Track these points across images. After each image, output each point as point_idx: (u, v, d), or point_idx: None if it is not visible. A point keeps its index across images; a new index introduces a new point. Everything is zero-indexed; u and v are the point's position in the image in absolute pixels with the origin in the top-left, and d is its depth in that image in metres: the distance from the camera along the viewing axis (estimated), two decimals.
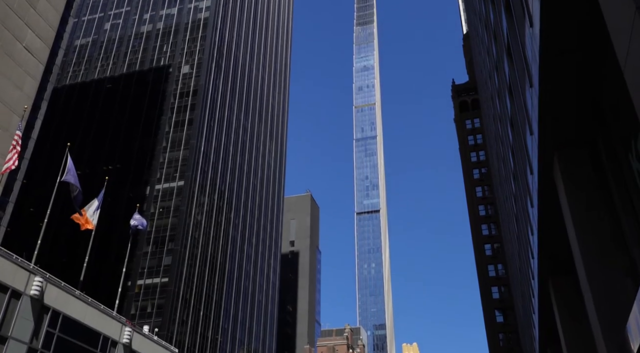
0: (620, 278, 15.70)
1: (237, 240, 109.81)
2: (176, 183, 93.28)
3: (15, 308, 35.54)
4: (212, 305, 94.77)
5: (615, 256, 16.15)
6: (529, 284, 30.30)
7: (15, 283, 35.95)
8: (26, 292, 36.49)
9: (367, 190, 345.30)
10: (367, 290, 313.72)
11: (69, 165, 42.98)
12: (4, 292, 34.99)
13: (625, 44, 8.86)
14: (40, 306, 37.68)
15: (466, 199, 71.81)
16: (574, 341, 23.40)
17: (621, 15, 8.68)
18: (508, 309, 61.23)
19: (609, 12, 9.55)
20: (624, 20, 8.57)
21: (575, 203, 17.51)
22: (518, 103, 20.64)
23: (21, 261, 37.82)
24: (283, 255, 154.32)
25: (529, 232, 24.61)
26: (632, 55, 8.75)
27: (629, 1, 8.10)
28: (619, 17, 8.90)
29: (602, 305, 15.58)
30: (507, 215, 39.82)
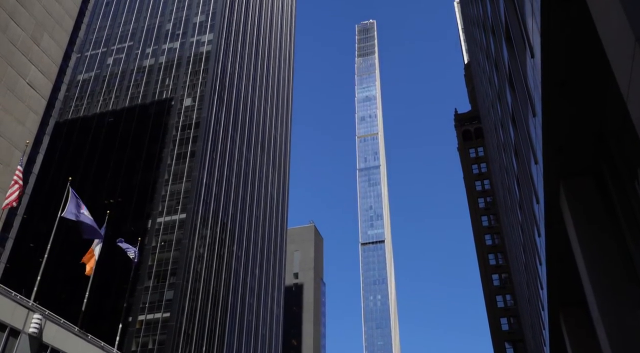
0: (633, 310, 15.46)
1: (240, 273, 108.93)
2: (178, 215, 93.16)
3: (14, 347, 35.08)
4: (215, 340, 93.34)
5: (626, 287, 15.93)
6: (539, 315, 29.82)
7: (13, 321, 35.58)
8: (25, 330, 36.08)
9: (372, 220, 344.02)
10: (373, 323, 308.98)
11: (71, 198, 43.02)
12: (2, 330, 34.60)
13: (626, 74, 8.95)
14: (38, 344, 37.20)
15: (472, 229, 71.40)
16: None
17: (621, 47, 8.80)
18: (518, 341, 60.15)
19: (609, 43, 9.69)
20: (624, 51, 8.69)
21: (583, 233, 17.39)
22: (522, 132, 20.74)
23: (20, 298, 37.52)
24: (287, 288, 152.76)
25: (537, 262, 24.36)
26: (634, 86, 8.83)
27: (629, 32, 8.22)
28: (619, 48, 9.02)
29: (615, 338, 15.30)
30: (515, 245, 39.49)
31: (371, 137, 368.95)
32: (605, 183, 17.63)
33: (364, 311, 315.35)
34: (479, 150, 78.52)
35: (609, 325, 15.55)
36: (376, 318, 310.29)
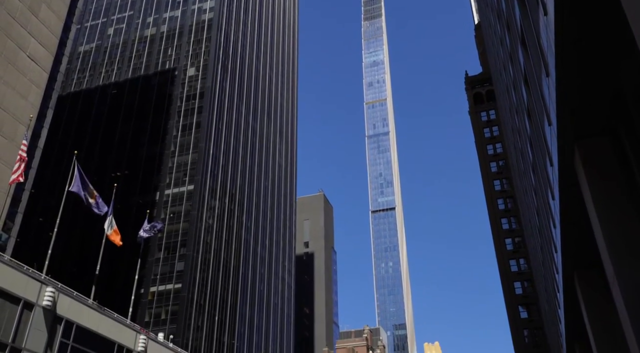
0: None
1: (250, 243, 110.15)
2: (186, 187, 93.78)
3: (28, 320, 35.97)
4: (227, 310, 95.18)
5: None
6: (553, 279, 30.01)
7: (27, 295, 36.38)
8: (38, 303, 36.91)
9: (382, 187, 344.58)
10: (385, 290, 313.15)
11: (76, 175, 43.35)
12: (16, 303, 35.43)
13: None
14: (53, 317, 38.10)
15: (484, 193, 71.32)
16: (602, 335, 23.14)
17: None
18: (532, 304, 60.76)
19: None
20: None
21: (599, 194, 17.29)
22: (535, 93, 20.43)
23: (32, 272, 38.27)
24: (297, 257, 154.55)
25: (551, 225, 24.36)
26: None
27: None
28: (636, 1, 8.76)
29: (631, 298, 15.38)
30: (528, 209, 39.47)
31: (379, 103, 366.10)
32: (621, 143, 17.43)
33: (375, 278, 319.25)
34: (490, 113, 77.72)
35: (624, 286, 15.62)
36: (388, 285, 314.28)
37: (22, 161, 37.34)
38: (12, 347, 34.62)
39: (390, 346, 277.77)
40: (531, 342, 60.09)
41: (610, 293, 17.72)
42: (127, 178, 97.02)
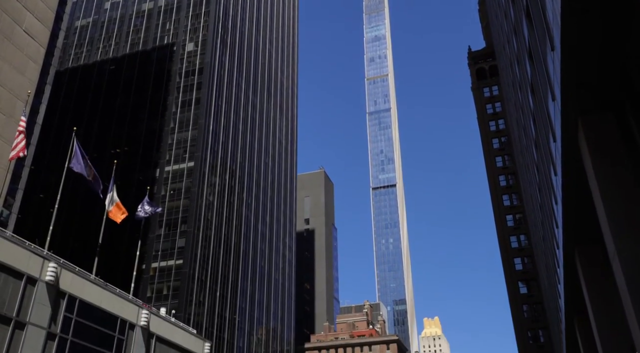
0: None
1: (251, 220, 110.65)
2: (186, 164, 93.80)
3: (32, 294, 36.37)
4: (229, 285, 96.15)
5: None
6: (553, 254, 30.20)
7: (30, 270, 36.70)
8: (41, 278, 37.27)
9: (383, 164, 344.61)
10: (385, 266, 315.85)
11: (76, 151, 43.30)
12: (20, 278, 35.77)
13: None
14: (56, 291, 38.50)
15: (486, 170, 71.32)
16: (601, 309, 23.39)
17: None
18: (532, 280, 61.34)
19: None
20: None
21: (602, 170, 17.26)
22: (539, 68, 20.25)
23: (34, 247, 38.54)
24: (298, 234, 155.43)
25: (552, 201, 24.41)
26: None
27: None
28: None
29: (631, 274, 15.49)
30: (530, 185, 39.51)
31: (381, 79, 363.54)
32: (626, 118, 17.34)
33: (376, 255, 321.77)
34: (493, 89, 77.18)
35: (624, 262, 15.72)
36: (388, 262, 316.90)
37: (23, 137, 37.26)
38: (17, 321, 35.07)
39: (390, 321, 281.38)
40: (530, 316, 60.83)
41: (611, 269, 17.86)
42: (127, 154, 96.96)
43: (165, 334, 51.88)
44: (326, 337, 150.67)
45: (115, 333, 44.60)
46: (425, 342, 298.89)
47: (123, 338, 45.38)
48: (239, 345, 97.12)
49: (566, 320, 31.63)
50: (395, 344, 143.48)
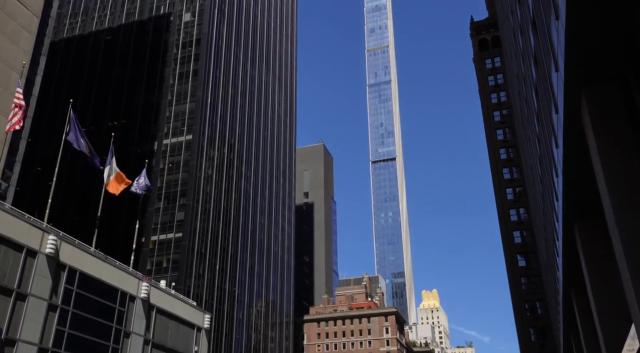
0: None
1: (250, 193, 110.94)
2: (184, 137, 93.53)
3: (32, 267, 36.68)
4: (228, 258, 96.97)
5: None
6: (553, 227, 30.38)
7: (29, 242, 36.93)
8: (41, 251, 37.54)
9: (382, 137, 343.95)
10: (384, 239, 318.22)
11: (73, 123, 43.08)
12: (20, 250, 36.02)
13: None
14: (56, 264, 38.83)
15: (486, 143, 71.21)
16: (599, 282, 23.65)
17: None
18: (530, 253, 61.91)
19: None
20: None
21: (604, 142, 17.22)
22: (542, 38, 20.02)
23: (33, 220, 38.71)
24: (297, 207, 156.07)
25: (553, 174, 24.43)
26: None
27: None
28: None
29: (631, 248, 15.60)
30: (530, 158, 39.50)
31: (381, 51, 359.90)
32: (630, 90, 17.22)
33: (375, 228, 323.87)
34: (495, 61, 76.47)
35: (624, 235, 15.81)
36: (387, 235, 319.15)
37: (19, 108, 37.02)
38: (18, 293, 35.46)
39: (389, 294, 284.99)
40: (528, 289, 61.62)
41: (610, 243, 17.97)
42: (125, 127, 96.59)
43: (166, 306, 52.56)
44: (325, 309, 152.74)
45: (116, 305, 45.18)
46: (423, 314, 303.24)
47: (124, 310, 45.99)
48: (239, 317, 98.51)
49: (564, 292, 32.01)
50: (393, 316, 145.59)
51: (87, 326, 41.48)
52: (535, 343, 59.45)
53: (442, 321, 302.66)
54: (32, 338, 36.07)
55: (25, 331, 35.48)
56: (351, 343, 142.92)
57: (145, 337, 48.28)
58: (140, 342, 47.50)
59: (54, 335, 37.79)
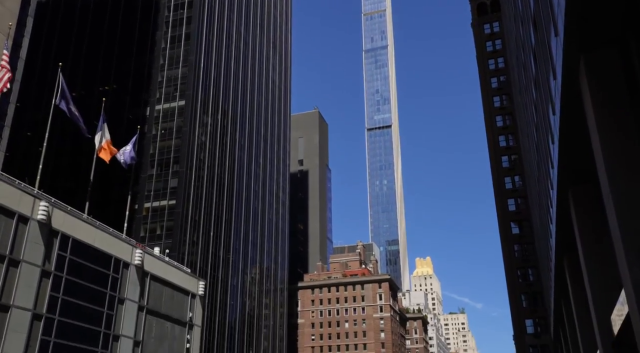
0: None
1: (244, 160, 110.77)
2: (177, 102, 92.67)
3: (24, 233, 36.76)
4: (222, 225, 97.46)
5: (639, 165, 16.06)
6: (547, 195, 30.59)
7: (21, 209, 36.89)
8: (33, 217, 37.55)
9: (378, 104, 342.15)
10: (379, 207, 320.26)
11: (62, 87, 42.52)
12: (11, 216, 36.02)
13: None
14: (48, 230, 38.91)
15: (483, 110, 70.98)
16: (591, 250, 23.97)
17: None
18: (524, 221, 62.57)
19: None
20: None
21: (601, 109, 17.17)
22: (542, 1, 19.71)
23: (24, 186, 38.57)
24: (292, 174, 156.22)
25: (549, 141, 24.43)
26: None
27: None
28: None
29: (624, 214, 15.73)
30: (527, 125, 39.46)
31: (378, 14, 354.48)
32: (629, 56, 17.07)
33: (369, 196, 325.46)
34: (494, 26, 75.52)
35: (617, 200, 15.93)
36: (382, 203, 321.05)
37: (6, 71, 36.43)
38: (10, 259, 35.61)
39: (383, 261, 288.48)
40: (521, 256, 62.52)
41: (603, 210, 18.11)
42: (116, 92, 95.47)
43: (160, 273, 53.06)
44: (319, 276, 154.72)
45: (110, 272, 45.54)
46: (416, 281, 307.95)
47: (117, 276, 46.39)
48: (233, 283, 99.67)
49: (556, 259, 32.46)
50: (387, 283, 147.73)
51: (81, 292, 41.92)
52: (527, 309, 60.68)
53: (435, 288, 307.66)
54: (25, 304, 36.44)
55: (18, 297, 35.81)
56: (345, 309, 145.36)
57: (140, 304, 48.89)
58: (134, 308, 48.13)
59: (47, 301, 38.19)
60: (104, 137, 46.88)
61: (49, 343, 38.00)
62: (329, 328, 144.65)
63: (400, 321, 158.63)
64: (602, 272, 23.30)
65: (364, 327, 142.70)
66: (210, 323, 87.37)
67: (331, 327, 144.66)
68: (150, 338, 50.01)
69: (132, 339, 47.10)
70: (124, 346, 45.88)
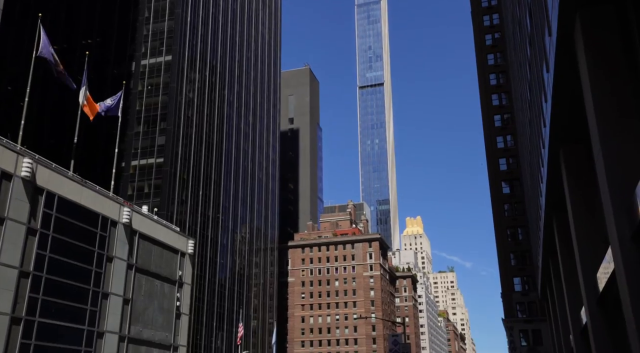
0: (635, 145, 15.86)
1: (233, 119, 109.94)
2: (163, 58, 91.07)
3: (8, 190, 36.57)
4: (211, 184, 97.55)
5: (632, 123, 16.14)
6: (538, 154, 30.81)
7: (3, 165, 36.58)
8: (17, 174, 37.29)
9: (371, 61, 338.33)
10: (370, 167, 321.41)
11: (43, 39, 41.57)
12: None
13: None
14: (33, 187, 38.73)
15: (476, 68, 70.49)
16: (580, 208, 24.37)
17: None
18: (514, 180, 63.21)
19: None
20: None
21: (595, 66, 17.12)
22: None
23: (6, 142, 38.13)
24: (282, 133, 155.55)
25: (542, 99, 24.43)
26: None
27: None
28: None
29: (613, 171, 15.92)
30: (520, 83, 39.34)
31: None
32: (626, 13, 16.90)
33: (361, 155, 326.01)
34: None
35: (608, 158, 16.09)
36: (373, 162, 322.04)
37: None
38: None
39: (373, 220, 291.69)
40: (510, 215, 63.43)
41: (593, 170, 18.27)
42: (100, 46, 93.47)
43: (148, 231, 53.33)
44: (309, 235, 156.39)
45: (98, 230, 45.70)
46: (406, 240, 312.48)
47: (105, 234, 46.59)
48: (223, 242, 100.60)
49: (545, 217, 32.98)
50: (377, 242, 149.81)
51: (69, 250, 42.14)
52: (515, 267, 62.03)
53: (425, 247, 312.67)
54: (12, 262, 36.62)
55: (4, 254, 35.94)
56: (335, 268, 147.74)
57: (129, 262, 49.32)
58: (123, 266, 48.57)
59: (34, 259, 38.41)
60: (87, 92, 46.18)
61: (37, 300, 38.44)
62: (319, 286, 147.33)
63: (389, 279, 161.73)
64: (590, 230, 23.78)
65: (354, 286, 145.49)
66: (201, 282, 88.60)
67: (321, 285, 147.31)
68: (140, 296, 50.72)
69: (121, 297, 47.75)
70: (113, 303, 46.54)
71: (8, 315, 35.83)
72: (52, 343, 39.73)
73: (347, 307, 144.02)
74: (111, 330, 45.97)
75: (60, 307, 40.71)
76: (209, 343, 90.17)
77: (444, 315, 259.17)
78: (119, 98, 51.47)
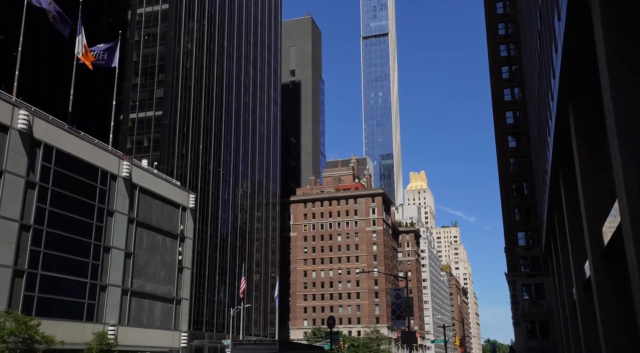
0: None
1: (233, 71, 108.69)
2: (160, 6, 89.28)
3: (5, 142, 36.59)
4: (212, 138, 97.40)
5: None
6: (547, 106, 30.50)
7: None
8: (13, 126, 37.23)
9: (375, 10, 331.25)
10: (373, 120, 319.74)
11: None
12: None
13: None
14: (31, 140, 38.74)
15: (484, 17, 68.91)
16: (588, 161, 24.31)
17: None
18: (521, 134, 62.82)
19: None
20: None
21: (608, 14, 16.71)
22: None
23: (1, 93, 37.88)
24: (283, 86, 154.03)
25: (552, 49, 23.97)
26: None
27: None
28: None
29: (624, 122, 15.79)
30: (530, 32, 38.56)
31: None
32: None
33: (364, 108, 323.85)
34: None
35: (618, 108, 15.92)
36: (377, 116, 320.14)
37: None
38: None
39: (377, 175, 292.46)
40: (516, 169, 63.38)
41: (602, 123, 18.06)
42: None
43: (149, 185, 53.65)
44: (312, 190, 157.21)
45: (97, 184, 45.97)
46: (410, 195, 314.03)
47: (105, 188, 46.89)
48: (224, 197, 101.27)
49: (552, 171, 32.96)
50: (380, 197, 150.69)
51: (69, 204, 42.53)
52: (519, 222, 62.44)
53: (429, 202, 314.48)
54: (12, 215, 37.03)
55: (4, 207, 36.30)
56: (337, 223, 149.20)
57: (130, 216, 49.84)
58: (124, 220, 49.12)
59: (34, 213, 38.81)
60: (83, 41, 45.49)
61: (39, 253, 39.08)
62: (322, 241, 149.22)
63: (392, 234, 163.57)
64: (597, 184, 23.80)
65: (357, 240, 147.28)
66: (202, 236, 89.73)
67: (324, 240, 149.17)
68: (141, 250, 51.51)
69: (123, 251, 48.50)
70: (115, 257, 47.32)
71: (10, 267, 36.50)
72: (56, 296, 40.64)
73: (350, 262, 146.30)
74: (114, 283, 46.91)
75: (63, 261, 41.43)
76: (211, 297, 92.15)
77: (447, 270, 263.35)
78: (116, 48, 50.72)
